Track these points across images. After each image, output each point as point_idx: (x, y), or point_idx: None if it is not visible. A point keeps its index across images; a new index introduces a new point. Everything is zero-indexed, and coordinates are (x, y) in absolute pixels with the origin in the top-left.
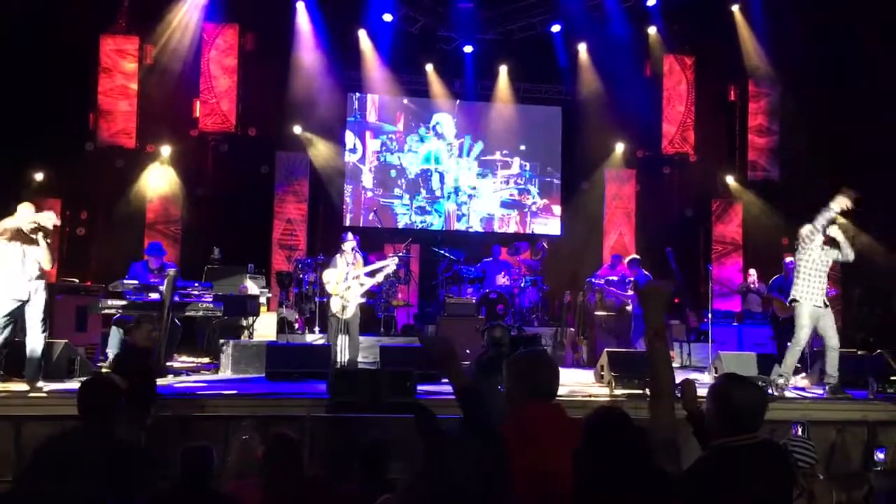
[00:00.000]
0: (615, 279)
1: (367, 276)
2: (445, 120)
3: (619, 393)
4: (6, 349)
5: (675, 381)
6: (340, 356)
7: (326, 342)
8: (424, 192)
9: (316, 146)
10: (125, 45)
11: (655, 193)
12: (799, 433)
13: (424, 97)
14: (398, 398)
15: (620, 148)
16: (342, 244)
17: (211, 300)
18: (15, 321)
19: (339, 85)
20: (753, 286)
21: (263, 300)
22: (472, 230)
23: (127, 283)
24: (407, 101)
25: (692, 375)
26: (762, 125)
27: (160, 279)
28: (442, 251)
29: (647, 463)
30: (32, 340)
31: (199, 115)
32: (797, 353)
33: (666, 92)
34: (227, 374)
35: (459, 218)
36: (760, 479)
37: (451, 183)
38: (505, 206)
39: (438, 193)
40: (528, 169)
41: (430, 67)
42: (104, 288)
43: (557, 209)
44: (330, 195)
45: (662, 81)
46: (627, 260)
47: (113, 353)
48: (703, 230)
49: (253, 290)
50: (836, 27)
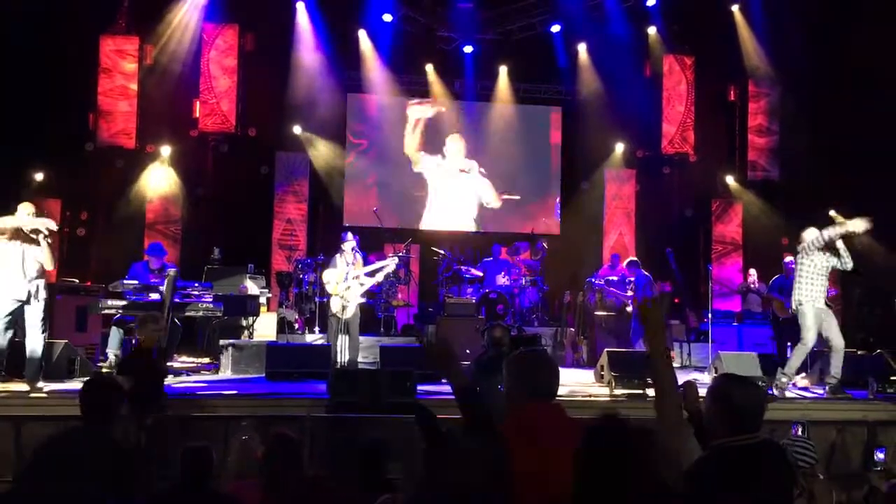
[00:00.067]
0: (615, 279)
1: (366, 276)
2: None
3: (619, 393)
4: (7, 349)
5: (681, 406)
6: (340, 356)
7: (326, 342)
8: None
9: (316, 146)
10: (125, 45)
11: (655, 193)
12: (799, 433)
13: (424, 97)
14: (398, 398)
15: (620, 148)
16: (342, 244)
17: (211, 300)
18: (16, 322)
19: (338, 85)
20: (753, 286)
21: (263, 300)
22: (472, 230)
23: (127, 283)
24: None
25: (692, 375)
26: (762, 125)
27: (160, 279)
28: (442, 251)
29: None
30: (32, 341)
31: (198, 115)
32: (803, 354)
33: (666, 92)
34: (227, 374)
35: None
36: (761, 479)
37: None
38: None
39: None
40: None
41: (430, 68)
42: (104, 288)
43: (557, 209)
44: (330, 195)
45: (662, 81)
46: (626, 262)
47: (113, 353)
48: (702, 230)
49: (253, 290)
50: (836, 27)
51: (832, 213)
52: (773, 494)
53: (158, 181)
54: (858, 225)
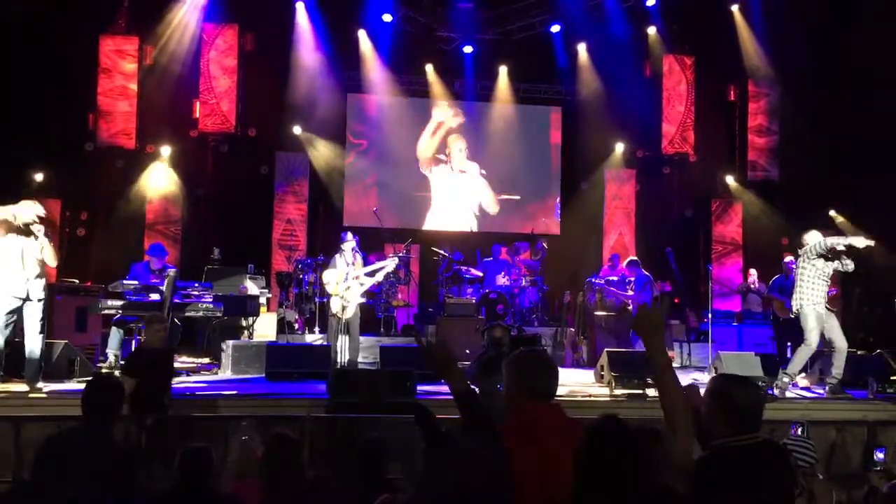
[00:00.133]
0: (615, 279)
1: (366, 276)
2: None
3: (619, 393)
4: (6, 349)
5: (688, 409)
6: (340, 356)
7: (326, 342)
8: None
9: (316, 146)
10: (125, 45)
11: (655, 193)
12: (798, 433)
13: (424, 97)
14: (398, 398)
15: (620, 148)
16: (342, 244)
17: (211, 300)
18: (16, 321)
19: (338, 85)
20: (753, 286)
21: (263, 300)
22: (471, 230)
23: (127, 283)
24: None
25: (692, 375)
26: (762, 125)
27: (161, 280)
28: (442, 251)
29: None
30: (31, 341)
31: (198, 115)
32: (806, 355)
33: (666, 92)
34: (227, 374)
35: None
36: (762, 479)
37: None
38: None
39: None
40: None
41: (429, 68)
42: (104, 288)
43: (557, 209)
44: (330, 195)
45: (662, 81)
46: (626, 262)
47: (113, 353)
48: (702, 230)
49: (253, 290)
50: (836, 27)
51: (832, 213)
52: (774, 494)
53: (158, 181)
54: (860, 242)
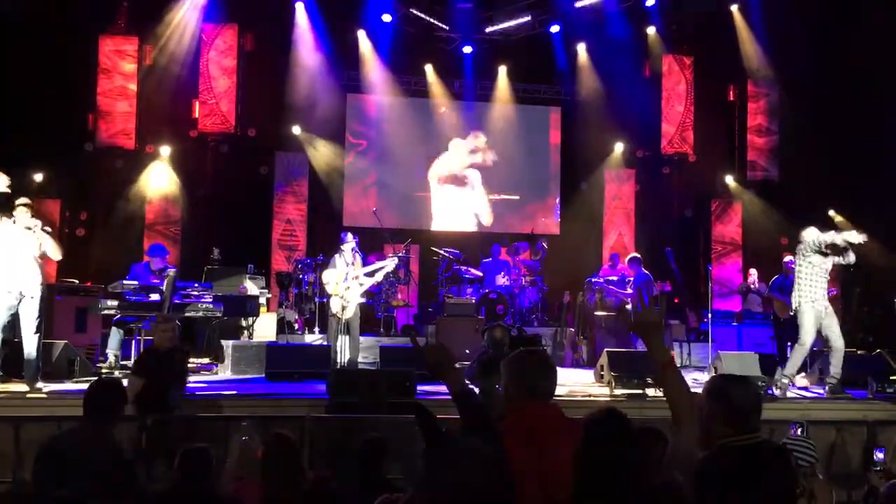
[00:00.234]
0: (615, 279)
1: (366, 276)
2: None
3: (618, 393)
4: (5, 349)
5: (693, 403)
6: (340, 356)
7: (326, 342)
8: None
9: (315, 147)
10: (124, 45)
11: (655, 193)
12: (798, 433)
13: (424, 98)
14: (398, 398)
15: (620, 148)
16: (341, 244)
17: (210, 301)
18: (14, 320)
19: (338, 85)
20: (753, 286)
21: (263, 300)
22: (471, 230)
23: (126, 283)
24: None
25: (692, 375)
26: (761, 125)
27: (161, 280)
28: (441, 251)
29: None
30: (27, 340)
31: (198, 115)
32: (802, 355)
33: (665, 92)
34: (226, 374)
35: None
36: (764, 478)
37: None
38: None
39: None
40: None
41: (429, 68)
42: (104, 289)
43: (557, 209)
44: (329, 195)
45: (662, 81)
46: (628, 258)
47: (113, 353)
48: (702, 230)
49: (252, 290)
50: (836, 28)
51: (831, 212)
52: (775, 494)
53: (158, 181)
54: (854, 237)
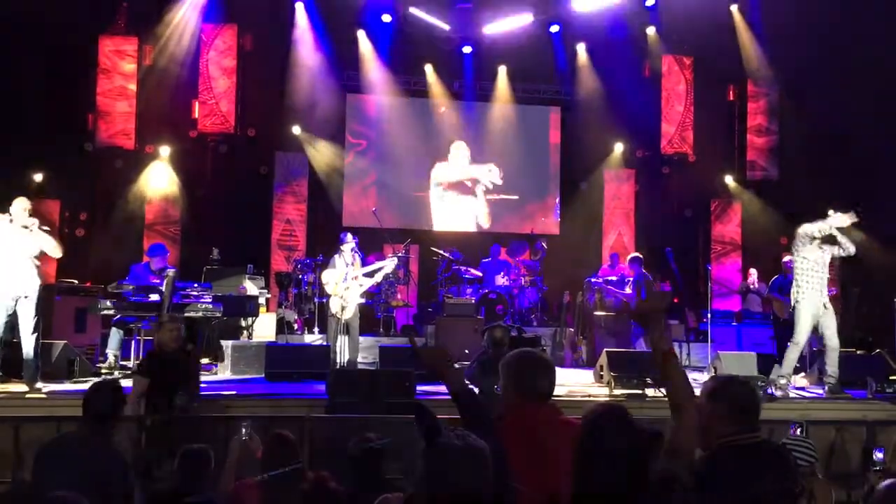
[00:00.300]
0: (614, 279)
1: (365, 276)
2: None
3: (618, 393)
4: (5, 350)
5: (693, 393)
6: (340, 357)
7: (326, 343)
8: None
9: (315, 147)
10: (124, 45)
11: (654, 193)
12: (797, 433)
13: (423, 98)
14: (398, 398)
15: (619, 148)
16: (341, 245)
17: (210, 301)
18: (13, 321)
19: (337, 85)
20: (753, 286)
21: (262, 301)
22: (471, 230)
23: (126, 284)
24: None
25: (692, 375)
26: (761, 125)
27: (161, 280)
28: (441, 251)
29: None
30: (25, 341)
31: (197, 115)
32: (796, 353)
33: (665, 92)
34: (226, 374)
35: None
36: (766, 477)
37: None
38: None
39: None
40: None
41: (429, 68)
42: (103, 289)
43: (556, 209)
44: (329, 195)
45: (661, 81)
46: (629, 258)
47: (112, 354)
48: (702, 230)
49: (252, 290)
50: (834, 27)
51: (831, 212)
52: (775, 493)
53: (158, 182)
54: (842, 220)
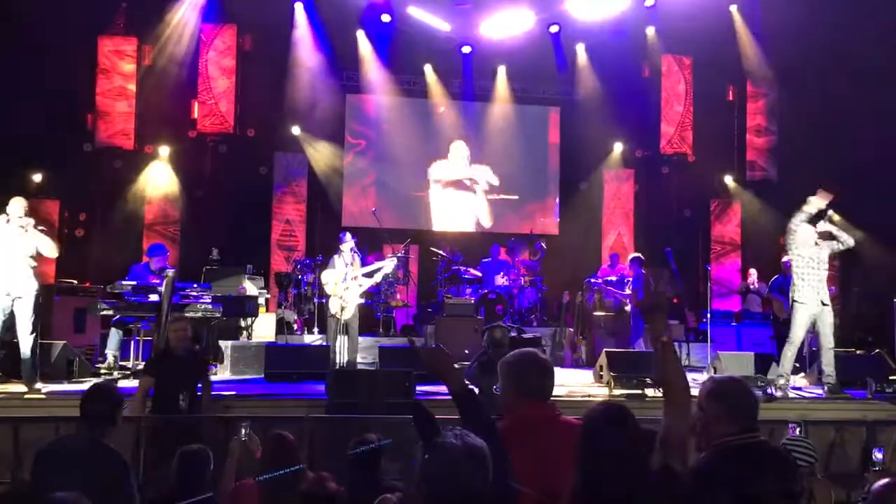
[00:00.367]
0: (614, 279)
1: (365, 276)
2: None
3: (617, 393)
4: (4, 350)
5: (688, 385)
6: (339, 357)
7: (325, 343)
8: None
9: (314, 147)
10: (123, 46)
11: (654, 193)
12: (797, 433)
13: (423, 98)
14: (397, 399)
15: (619, 148)
16: (340, 245)
17: (209, 301)
18: (12, 321)
19: (337, 85)
20: (753, 287)
21: (262, 301)
22: (471, 230)
23: (125, 284)
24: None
25: (691, 375)
26: (760, 125)
27: (160, 280)
28: (441, 251)
29: (646, 458)
30: (23, 341)
31: (197, 116)
32: (793, 352)
33: (664, 92)
34: (225, 374)
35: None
36: (767, 477)
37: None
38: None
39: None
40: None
41: (428, 68)
42: (103, 289)
43: (556, 209)
44: (328, 196)
45: (661, 81)
46: (629, 258)
47: (112, 354)
48: (701, 230)
49: (251, 290)
50: (834, 27)
51: (830, 212)
52: (775, 493)
53: (157, 182)
54: (816, 203)
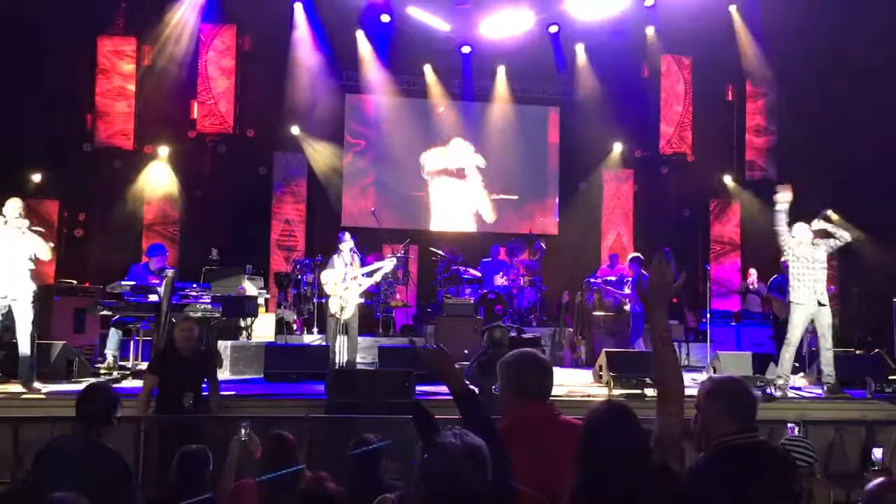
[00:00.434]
0: (613, 279)
1: (364, 276)
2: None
3: (617, 393)
4: (3, 350)
5: (683, 383)
6: (339, 357)
7: (325, 343)
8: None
9: (314, 147)
10: (123, 46)
11: (653, 193)
12: (796, 433)
13: (423, 98)
14: (397, 399)
15: (618, 148)
16: (339, 244)
17: (209, 301)
18: (11, 322)
19: (336, 85)
20: (753, 286)
21: (262, 301)
22: (470, 230)
23: (125, 284)
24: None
25: (691, 375)
26: (760, 125)
27: (160, 280)
28: (440, 251)
29: (648, 458)
30: (21, 341)
31: (196, 116)
32: (791, 352)
33: (664, 92)
34: (225, 374)
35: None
36: (766, 477)
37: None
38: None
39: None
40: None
41: (428, 68)
42: (102, 289)
43: (556, 209)
44: (328, 196)
45: (660, 81)
46: (629, 258)
47: (111, 354)
48: (700, 230)
49: (251, 290)
50: (834, 27)
51: (829, 212)
52: (774, 493)
53: (156, 182)
54: (782, 196)
